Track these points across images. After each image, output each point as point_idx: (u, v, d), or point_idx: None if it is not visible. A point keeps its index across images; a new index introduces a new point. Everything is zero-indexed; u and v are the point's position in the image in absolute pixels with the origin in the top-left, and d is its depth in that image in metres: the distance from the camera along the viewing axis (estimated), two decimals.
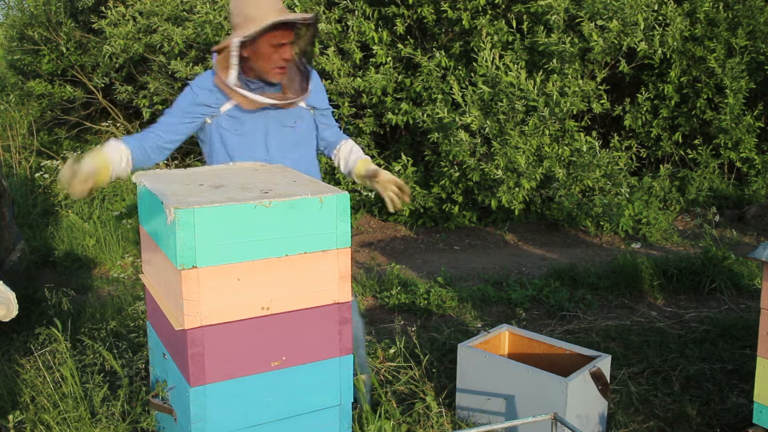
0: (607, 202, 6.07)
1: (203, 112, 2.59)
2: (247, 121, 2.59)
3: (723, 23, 6.32)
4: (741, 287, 4.65)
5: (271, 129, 2.62)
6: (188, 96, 2.59)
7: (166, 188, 2.26)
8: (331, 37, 6.27)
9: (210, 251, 2.06)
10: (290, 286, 2.19)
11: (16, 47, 8.85)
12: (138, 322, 3.91)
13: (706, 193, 6.62)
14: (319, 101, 2.75)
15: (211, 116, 2.60)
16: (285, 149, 2.65)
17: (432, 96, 6.08)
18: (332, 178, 6.61)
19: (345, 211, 2.23)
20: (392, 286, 4.72)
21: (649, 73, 6.71)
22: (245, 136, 2.60)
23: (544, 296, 4.59)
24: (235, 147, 2.60)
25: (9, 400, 3.09)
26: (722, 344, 3.79)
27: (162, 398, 2.44)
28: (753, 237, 5.89)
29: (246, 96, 2.53)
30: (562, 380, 2.72)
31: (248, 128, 2.60)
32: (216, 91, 2.56)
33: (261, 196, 2.15)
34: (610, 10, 5.65)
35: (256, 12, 2.45)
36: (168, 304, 2.27)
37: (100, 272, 5.44)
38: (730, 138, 6.48)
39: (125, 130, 8.42)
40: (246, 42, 2.46)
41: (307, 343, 2.25)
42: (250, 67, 2.53)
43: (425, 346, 3.66)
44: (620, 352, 3.72)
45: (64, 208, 6.62)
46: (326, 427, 2.33)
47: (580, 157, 6.04)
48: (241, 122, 2.59)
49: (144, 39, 7.08)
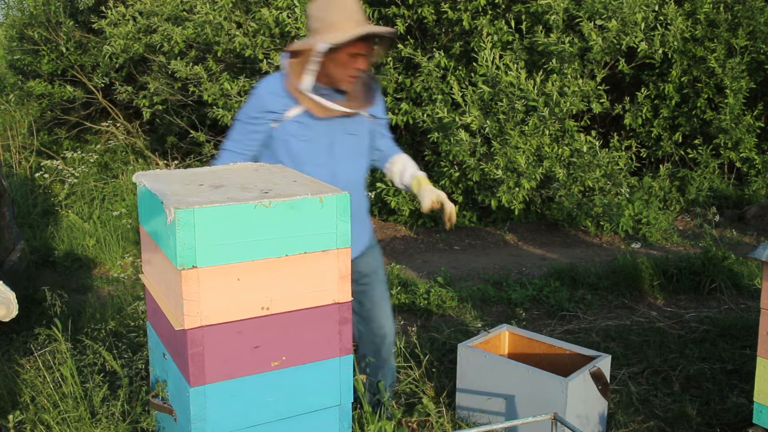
0: (607, 202, 6.07)
1: (271, 117, 2.53)
2: (314, 127, 2.54)
3: (723, 24, 6.33)
4: (741, 287, 4.65)
5: (336, 137, 2.58)
6: (255, 102, 2.54)
7: (166, 188, 2.26)
8: None
9: (210, 251, 2.06)
10: (290, 286, 2.19)
11: (16, 47, 8.86)
12: (138, 322, 3.91)
13: (706, 193, 6.62)
14: (380, 110, 2.74)
15: (277, 121, 2.54)
16: (348, 157, 2.63)
17: (432, 96, 6.08)
18: None
19: (345, 211, 2.23)
20: (392, 286, 4.72)
21: (650, 73, 6.71)
22: (311, 143, 2.55)
23: (544, 296, 4.59)
24: (300, 153, 2.55)
25: (9, 400, 3.09)
26: (722, 344, 3.79)
27: (162, 398, 2.44)
28: (753, 237, 5.89)
29: (321, 103, 2.49)
30: (562, 380, 2.72)
31: (315, 135, 2.55)
32: (285, 95, 2.50)
33: (261, 196, 2.15)
34: (610, 10, 5.65)
35: (339, 19, 2.41)
36: (168, 304, 2.27)
37: (100, 272, 5.44)
38: (730, 138, 6.48)
39: (125, 131, 8.42)
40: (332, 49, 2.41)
41: (307, 343, 2.25)
42: (325, 73, 2.48)
43: (425, 346, 3.66)
44: (620, 352, 3.72)
45: (64, 208, 6.63)
46: (326, 427, 2.33)
47: (580, 157, 6.04)
48: (309, 128, 2.53)
49: (144, 39, 7.08)
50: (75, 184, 6.89)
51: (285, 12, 6.02)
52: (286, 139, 2.54)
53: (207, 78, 6.64)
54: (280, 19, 6.03)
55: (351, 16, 2.42)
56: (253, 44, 6.27)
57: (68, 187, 6.84)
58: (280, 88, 2.51)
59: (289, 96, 2.50)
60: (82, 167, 7.18)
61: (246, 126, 2.56)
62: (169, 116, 7.85)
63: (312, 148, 2.56)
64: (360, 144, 2.67)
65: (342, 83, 2.51)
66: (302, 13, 6.03)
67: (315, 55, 2.41)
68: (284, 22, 6.01)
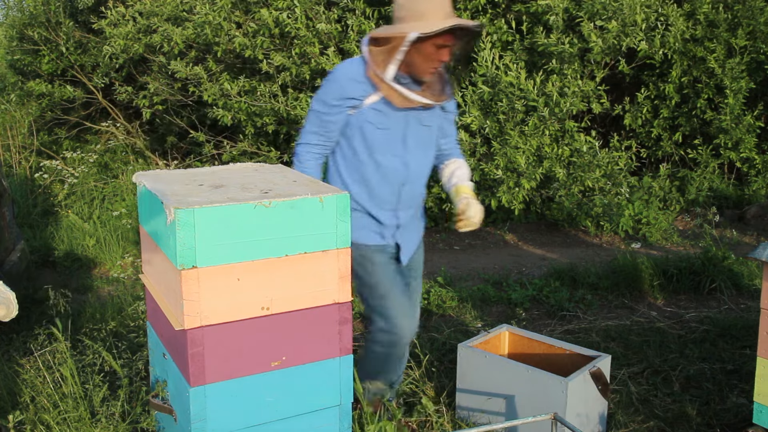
0: (607, 202, 6.07)
1: (350, 104, 2.48)
2: (391, 116, 2.50)
3: (723, 24, 6.33)
4: (741, 287, 4.65)
5: (411, 126, 2.56)
6: (334, 88, 2.48)
7: (166, 188, 2.26)
8: (330, 37, 6.27)
9: (210, 251, 2.06)
10: (290, 286, 2.19)
11: (16, 47, 8.85)
12: (138, 322, 3.91)
13: (706, 193, 6.62)
14: (452, 105, 2.72)
15: (355, 108, 2.49)
16: (420, 147, 2.61)
17: None
18: None
19: (345, 211, 2.23)
20: None
21: (650, 73, 6.71)
22: (387, 131, 2.52)
23: (544, 296, 4.59)
24: (375, 141, 2.52)
25: (9, 400, 3.09)
26: (722, 344, 3.79)
27: (162, 398, 2.44)
28: (753, 237, 5.89)
29: (404, 94, 2.46)
30: (562, 380, 2.72)
31: (391, 124, 2.52)
32: (365, 81, 2.46)
33: (261, 196, 2.15)
34: (610, 11, 5.65)
35: (429, 9, 2.37)
36: (168, 304, 2.27)
37: (100, 272, 5.44)
38: (730, 138, 6.49)
39: (125, 131, 8.42)
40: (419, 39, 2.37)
41: (307, 343, 2.25)
42: (407, 62, 2.43)
43: (425, 346, 3.66)
44: (620, 352, 3.72)
45: (64, 208, 6.63)
46: (326, 427, 2.33)
47: (580, 157, 6.04)
48: (386, 117, 2.50)
49: (144, 39, 7.08)
50: (75, 184, 6.89)
51: (285, 12, 6.02)
52: (362, 126, 2.50)
53: (207, 78, 6.64)
54: (279, 20, 6.03)
55: (441, 7, 2.39)
56: (252, 45, 6.27)
57: (68, 187, 6.84)
58: (360, 74, 2.46)
59: (369, 82, 2.45)
60: (82, 167, 7.18)
61: (325, 116, 2.50)
62: (169, 116, 7.85)
63: (387, 137, 2.52)
64: (431, 136, 2.65)
65: (424, 74, 2.46)
66: (302, 13, 6.03)
67: (404, 44, 2.36)
68: (284, 23, 6.01)
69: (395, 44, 2.39)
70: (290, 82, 6.48)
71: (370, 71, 2.45)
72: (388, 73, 2.42)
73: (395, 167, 2.55)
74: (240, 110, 6.65)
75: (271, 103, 6.36)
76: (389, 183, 2.58)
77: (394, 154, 2.54)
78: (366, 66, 2.46)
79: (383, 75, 2.43)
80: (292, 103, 6.29)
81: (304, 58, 6.27)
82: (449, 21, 2.37)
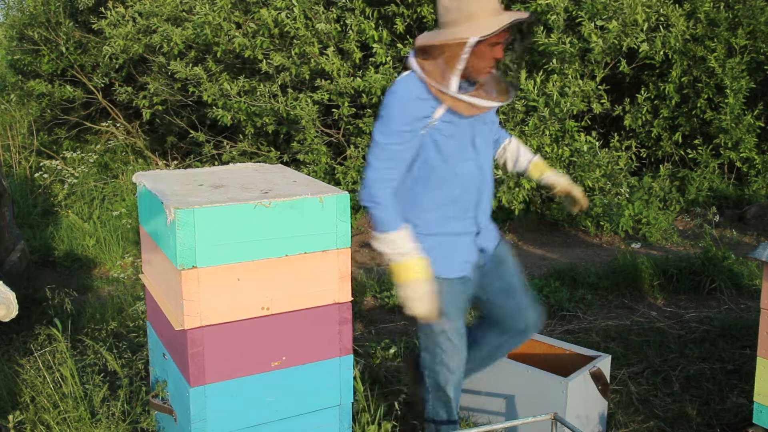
0: (607, 202, 6.07)
1: (421, 125, 2.33)
2: (459, 123, 2.38)
3: (723, 23, 6.33)
4: (741, 287, 4.65)
5: (477, 128, 2.45)
6: (401, 113, 2.29)
7: (167, 188, 2.26)
8: (330, 37, 6.27)
9: (210, 251, 2.06)
10: (290, 286, 2.19)
11: (16, 47, 8.85)
12: (138, 322, 3.91)
13: (706, 193, 6.62)
14: None
15: (426, 126, 2.33)
16: (486, 147, 2.52)
17: None
18: (332, 178, 6.62)
19: (345, 211, 2.23)
20: (392, 286, 4.72)
21: (650, 73, 6.71)
22: (459, 139, 2.40)
23: (544, 296, 4.59)
24: (449, 151, 2.39)
25: (9, 400, 3.09)
26: (722, 344, 3.79)
27: (162, 398, 2.44)
28: (753, 237, 5.89)
29: (471, 102, 2.32)
30: (562, 380, 2.72)
31: (461, 131, 2.40)
32: (429, 98, 2.30)
33: (261, 196, 2.15)
34: (610, 10, 5.65)
35: (478, 9, 2.25)
36: (168, 304, 2.27)
37: (100, 272, 5.44)
38: (730, 138, 6.48)
39: (125, 131, 8.42)
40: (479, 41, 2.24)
41: (307, 343, 2.25)
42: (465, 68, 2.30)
43: None
44: (620, 352, 3.72)
45: (64, 208, 6.63)
46: (326, 427, 2.33)
47: (580, 157, 6.04)
48: (456, 125, 2.37)
49: (144, 40, 7.08)
50: (75, 184, 6.89)
51: (284, 12, 6.02)
52: (436, 140, 2.37)
53: (206, 78, 6.64)
54: (279, 20, 6.03)
55: (490, 5, 2.28)
56: (252, 45, 6.27)
57: (68, 187, 6.84)
58: (422, 91, 2.30)
59: (433, 97, 2.30)
60: (81, 167, 7.18)
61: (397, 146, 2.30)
62: (169, 116, 7.85)
63: (460, 144, 2.41)
64: (492, 132, 2.57)
65: (481, 75, 2.34)
66: (301, 13, 6.03)
67: (464, 51, 2.23)
68: (283, 23, 6.01)
69: (454, 53, 2.25)
70: (290, 82, 6.48)
71: (432, 88, 2.29)
72: (451, 86, 2.27)
73: (471, 172, 2.44)
74: (240, 110, 6.65)
75: (271, 103, 6.36)
76: (468, 190, 2.45)
77: (467, 159, 2.43)
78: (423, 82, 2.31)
79: (447, 89, 2.27)
80: (292, 103, 6.29)
81: (304, 58, 6.27)
82: (504, 17, 2.26)
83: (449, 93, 2.27)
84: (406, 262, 2.26)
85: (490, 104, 2.36)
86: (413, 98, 2.29)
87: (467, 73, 2.31)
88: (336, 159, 6.82)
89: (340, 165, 6.67)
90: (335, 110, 6.44)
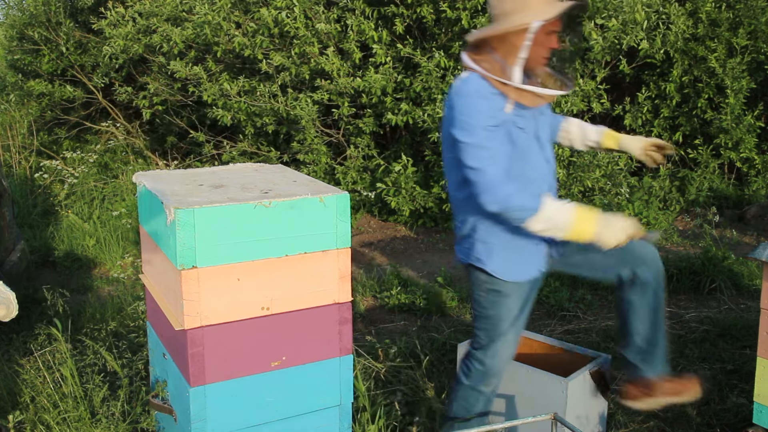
0: (607, 202, 6.07)
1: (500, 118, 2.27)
2: (525, 116, 2.35)
3: (724, 23, 6.33)
4: (741, 287, 4.65)
5: (539, 121, 2.42)
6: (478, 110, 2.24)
7: (167, 188, 2.26)
8: (330, 37, 6.27)
9: (210, 251, 2.06)
10: (290, 286, 2.19)
11: (16, 47, 8.86)
12: (138, 322, 3.91)
13: (706, 193, 6.62)
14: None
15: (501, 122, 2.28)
16: (547, 140, 2.48)
17: (432, 96, 6.08)
18: (332, 178, 6.62)
19: (345, 211, 2.23)
20: (392, 286, 4.72)
21: (650, 73, 6.71)
22: (528, 132, 2.37)
23: (544, 296, 4.59)
24: (523, 144, 2.33)
25: (9, 400, 3.09)
26: (722, 344, 3.79)
27: (162, 398, 2.44)
28: (753, 237, 5.89)
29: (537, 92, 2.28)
30: (562, 380, 2.72)
31: (527, 124, 2.36)
32: (496, 94, 2.26)
33: (261, 196, 2.15)
34: (610, 9, 5.65)
35: None
36: (168, 304, 2.27)
37: (100, 272, 5.44)
38: (730, 138, 6.48)
39: (125, 131, 8.43)
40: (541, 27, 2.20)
41: (307, 343, 2.25)
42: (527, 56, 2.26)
43: (425, 346, 3.66)
44: (620, 352, 3.71)
45: (64, 208, 6.63)
46: (326, 427, 2.33)
47: (580, 157, 6.04)
48: (523, 118, 2.33)
49: (143, 40, 7.08)
50: (75, 184, 6.89)
51: (284, 12, 6.02)
52: (513, 134, 2.31)
53: (206, 78, 6.64)
54: (279, 19, 6.03)
55: None
56: (252, 44, 6.27)
57: (68, 187, 6.84)
58: (489, 87, 2.26)
59: (499, 93, 2.26)
60: (82, 167, 7.18)
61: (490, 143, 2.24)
62: (169, 116, 7.85)
63: (528, 137, 2.37)
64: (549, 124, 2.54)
65: (538, 64, 2.30)
66: (301, 13, 6.02)
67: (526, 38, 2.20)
68: (283, 22, 6.01)
69: (515, 42, 2.22)
70: (290, 82, 6.48)
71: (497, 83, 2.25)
72: (515, 77, 2.23)
73: (541, 166, 2.40)
74: (240, 110, 6.65)
75: (271, 103, 6.36)
76: (538, 184, 2.39)
77: (535, 152, 2.39)
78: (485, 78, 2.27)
79: (511, 80, 2.24)
80: (292, 103, 6.29)
81: (304, 58, 6.27)
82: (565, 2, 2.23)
83: (514, 84, 2.24)
84: (577, 219, 2.21)
85: (554, 93, 2.32)
86: (485, 95, 2.25)
87: (527, 63, 2.27)
88: (336, 159, 6.82)
89: (340, 165, 6.67)
90: (335, 110, 6.44)
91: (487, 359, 2.50)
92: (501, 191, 2.21)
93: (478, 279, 2.46)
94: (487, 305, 2.47)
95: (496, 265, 2.40)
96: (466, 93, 2.26)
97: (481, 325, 2.50)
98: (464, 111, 2.25)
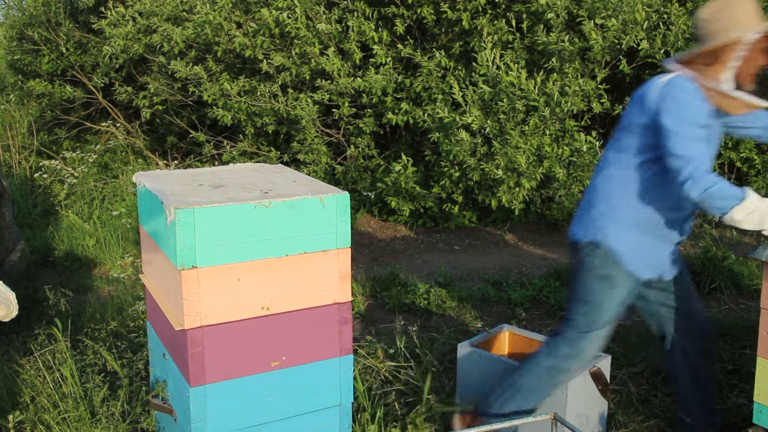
0: None
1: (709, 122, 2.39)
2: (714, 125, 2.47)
3: None
4: (741, 287, 4.65)
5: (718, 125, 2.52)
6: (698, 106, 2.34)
7: (167, 188, 2.26)
8: (331, 38, 6.27)
9: (210, 251, 2.06)
10: (290, 286, 2.19)
11: (16, 47, 8.85)
12: (138, 322, 3.91)
13: None
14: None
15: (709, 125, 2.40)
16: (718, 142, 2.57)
17: (432, 96, 6.08)
18: (332, 178, 6.62)
19: (345, 211, 2.23)
20: (392, 286, 4.72)
21: (651, 73, 6.71)
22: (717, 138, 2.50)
23: (544, 296, 4.58)
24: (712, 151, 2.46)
25: (9, 400, 3.09)
26: (722, 344, 3.79)
27: (162, 398, 2.44)
28: (753, 237, 5.88)
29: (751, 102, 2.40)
30: None
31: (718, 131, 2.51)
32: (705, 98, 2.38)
33: (261, 196, 2.15)
34: (610, 8, 5.65)
35: (743, 16, 2.34)
36: (168, 304, 2.27)
37: (100, 272, 5.44)
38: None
39: (125, 131, 8.43)
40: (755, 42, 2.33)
41: (307, 343, 2.25)
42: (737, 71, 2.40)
43: (425, 346, 3.66)
44: (620, 352, 3.71)
45: (64, 208, 6.63)
46: (326, 427, 2.33)
47: (580, 157, 6.03)
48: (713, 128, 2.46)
49: (144, 39, 7.08)
50: (75, 184, 6.89)
51: (285, 12, 6.02)
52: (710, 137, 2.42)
53: (207, 78, 6.64)
54: (280, 20, 6.03)
55: (756, 11, 2.36)
56: (252, 44, 6.27)
57: (68, 187, 6.85)
58: (700, 97, 2.37)
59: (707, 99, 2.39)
60: (81, 167, 7.18)
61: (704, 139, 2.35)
62: (169, 116, 7.85)
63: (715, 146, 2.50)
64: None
65: (746, 81, 2.41)
66: (302, 13, 6.02)
67: (741, 49, 2.33)
68: (284, 23, 6.01)
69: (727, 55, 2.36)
70: (290, 82, 6.48)
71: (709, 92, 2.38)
72: (726, 84, 2.37)
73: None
74: (240, 110, 6.65)
75: (271, 103, 6.36)
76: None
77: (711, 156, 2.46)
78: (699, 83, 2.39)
79: (720, 87, 2.37)
80: (292, 103, 6.29)
81: (304, 59, 6.28)
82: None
83: (723, 91, 2.35)
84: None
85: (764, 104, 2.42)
86: (702, 97, 2.35)
87: (736, 77, 2.38)
88: (336, 159, 6.82)
89: (340, 165, 6.67)
90: (335, 110, 6.44)
91: (581, 342, 2.54)
92: (707, 179, 2.25)
93: (592, 262, 2.53)
94: (596, 289, 2.52)
95: (625, 249, 2.47)
96: (690, 90, 2.35)
97: (582, 310, 2.55)
98: (685, 105, 2.34)
